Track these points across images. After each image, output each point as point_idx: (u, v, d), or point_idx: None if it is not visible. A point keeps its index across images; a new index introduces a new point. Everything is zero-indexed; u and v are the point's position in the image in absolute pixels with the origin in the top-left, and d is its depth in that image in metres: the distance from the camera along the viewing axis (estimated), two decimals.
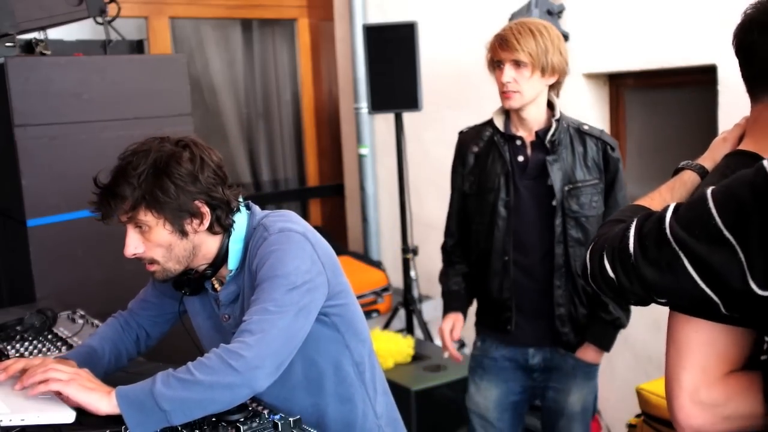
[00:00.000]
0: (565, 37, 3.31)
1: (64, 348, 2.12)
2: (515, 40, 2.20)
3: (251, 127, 5.49)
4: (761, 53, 1.20)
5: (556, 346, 2.41)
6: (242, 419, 1.55)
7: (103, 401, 1.49)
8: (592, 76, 3.56)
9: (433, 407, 3.13)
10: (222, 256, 1.67)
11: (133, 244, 1.63)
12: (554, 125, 2.32)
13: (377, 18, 4.43)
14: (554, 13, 3.32)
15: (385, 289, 4.48)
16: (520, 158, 2.35)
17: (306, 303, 1.57)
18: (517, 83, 2.25)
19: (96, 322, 2.35)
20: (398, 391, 3.13)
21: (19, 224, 3.02)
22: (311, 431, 1.53)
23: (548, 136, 2.31)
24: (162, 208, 1.57)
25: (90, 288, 2.97)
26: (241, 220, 1.69)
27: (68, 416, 1.55)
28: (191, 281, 1.72)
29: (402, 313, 3.99)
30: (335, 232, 5.11)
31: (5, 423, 1.49)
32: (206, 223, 1.62)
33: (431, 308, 4.43)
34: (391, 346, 3.31)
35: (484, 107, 4.05)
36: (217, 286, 1.75)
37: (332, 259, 1.69)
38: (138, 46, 3.59)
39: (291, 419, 1.54)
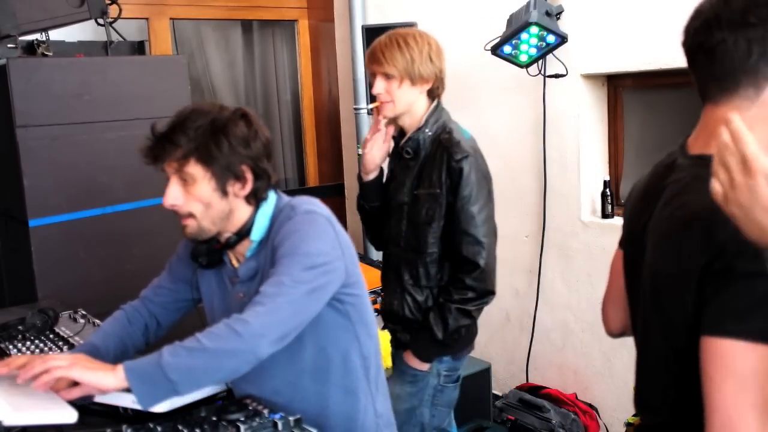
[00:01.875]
0: (564, 38, 3.33)
1: (65, 347, 2.13)
2: (381, 54, 2.27)
3: None
4: (729, 51, 1.14)
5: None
6: (242, 418, 1.56)
7: (108, 377, 1.51)
8: (591, 77, 3.57)
9: None
10: (248, 228, 1.71)
11: (174, 195, 1.64)
12: (411, 133, 2.36)
13: (377, 19, 4.45)
14: (553, 15, 3.33)
15: None
16: (391, 165, 2.49)
17: (321, 284, 1.60)
18: (388, 94, 2.31)
19: (97, 321, 2.36)
20: None
21: (21, 224, 3.04)
22: (311, 430, 1.54)
23: (401, 144, 2.39)
24: (211, 162, 1.61)
25: (91, 288, 2.98)
26: (271, 197, 1.75)
27: (70, 416, 1.56)
28: (211, 251, 1.74)
29: None
30: None
31: (7, 423, 1.50)
32: (247, 189, 1.67)
33: None
34: (377, 338, 3.32)
35: (483, 107, 4.07)
36: (234, 262, 1.77)
37: (351, 250, 1.73)
38: (139, 47, 3.61)
39: (291, 418, 1.55)
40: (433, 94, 2.37)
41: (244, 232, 1.71)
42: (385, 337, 3.40)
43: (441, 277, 2.35)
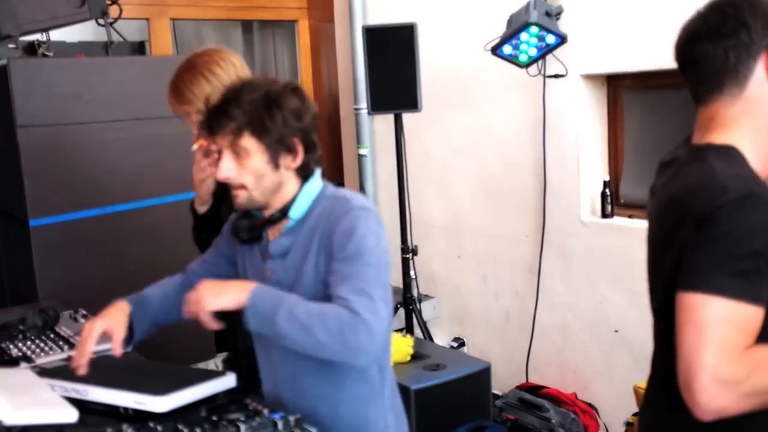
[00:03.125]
0: (564, 38, 3.33)
1: (66, 347, 2.14)
2: (188, 90, 2.07)
3: None
4: (711, 59, 1.38)
5: None
6: (242, 418, 1.56)
7: (240, 296, 1.57)
8: (590, 77, 3.57)
9: (433, 406, 3.14)
10: (291, 205, 1.69)
11: (227, 167, 1.64)
12: None
13: (377, 19, 4.45)
14: (552, 15, 3.33)
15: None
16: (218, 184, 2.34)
17: (388, 281, 1.61)
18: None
19: None
20: (398, 389, 3.15)
21: (22, 224, 3.04)
22: (311, 430, 1.55)
23: None
24: (265, 135, 1.61)
25: (92, 287, 2.99)
26: (317, 179, 1.73)
27: (70, 415, 1.57)
28: (252, 227, 1.74)
29: (401, 312, 4.01)
30: None
31: (8, 422, 1.50)
32: (298, 161, 1.66)
33: (431, 308, 4.45)
34: (391, 346, 3.33)
35: (483, 108, 4.07)
36: (270, 237, 1.76)
37: (390, 256, 1.72)
38: (139, 48, 3.61)
39: (291, 418, 1.55)
40: None
41: (287, 209, 1.70)
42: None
43: None
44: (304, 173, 1.69)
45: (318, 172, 1.74)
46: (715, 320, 1.20)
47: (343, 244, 1.59)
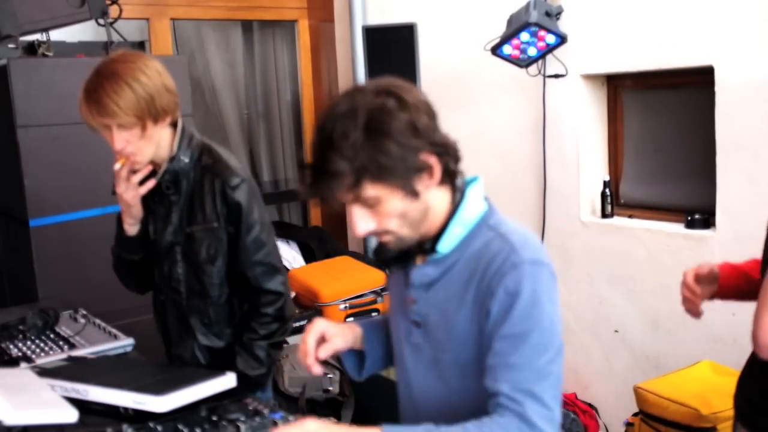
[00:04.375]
0: (564, 38, 3.33)
1: (66, 347, 2.14)
2: (113, 102, 1.86)
3: (252, 127, 5.51)
4: None
5: None
6: (242, 418, 1.57)
7: None
8: (590, 77, 3.57)
9: None
10: (441, 234, 1.41)
11: (363, 222, 1.36)
12: (166, 165, 2.02)
13: (377, 19, 4.45)
14: (552, 15, 3.33)
15: (385, 289, 4.49)
16: (155, 199, 2.10)
17: (558, 359, 1.42)
18: (129, 144, 1.93)
19: (98, 321, 2.37)
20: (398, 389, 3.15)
21: (22, 224, 3.04)
22: None
23: (156, 178, 2.03)
24: (390, 174, 1.30)
25: (92, 287, 2.99)
26: (476, 204, 1.44)
27: (70, 415, 1.57)
28: (401, 256, 1.47)
29: None
30: (335, 232, 5.11)
31: (8, 422, 1.50)
32: (437, 174, 1.35)
33: None
34: None
35: (483, 108, 4.07)
36: (418, 259, 1.48)
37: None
38: (139, 48, 3.61)
39: (291, 418, 1.56)
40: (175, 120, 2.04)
41: (439, 235, 1.42)
42: None
43: (234, 313, 2.11)
44: (449, 179, 1.40)
45: (479, 184, 1.47)
46: None
47: (507, 314, 1.32)
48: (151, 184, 2.02)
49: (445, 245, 1.41)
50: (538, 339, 1.33)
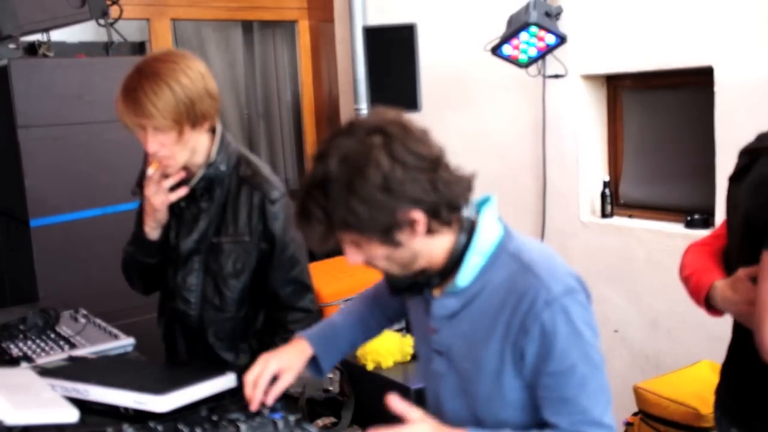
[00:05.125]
0: (563, 38, 3.34)
1: (66, 347, 2.14)
2: (150, 103, 1.77)
3: (252, 127, 5.50)
4: None
5: None
6: (242, 418, 1.57)
7: None
8: (590, 78, 3.58)
9: None
10: (452, 266, 1.37)
11: (352, 256, 1.36)
12: (202, 171, 1.94)
13: (377, 20, 4.45)
14: (552, 15, 3.34)
15: None
16: (182, 204, 2.01)
17: (604, 379, 1.40)
18: (164, 148, 1.84)
19: (98, 321, 2.37)
20: (398, 389, 3.15)
21: (22, 224, 3.04)
22: (311, 430, 1.55)
23: (190, 183, 1.96)
24: (362, 229, 1.28)
25: (92, 287, 2.99)
26: (491, 230, 1.39)
27: (71, 415, 1.57)
28: (413, 286, 1.42)
29: None
30: None
31: (8, 422, 1.50)
32: (420, 229, 1.30)
33: None
34: (391, 345, 3.32)
35: (483, 108, 4.08)
36: (436, 291, 1.44)
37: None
38: (140, 48, 3.62)
39: (291, 418, 1.56)
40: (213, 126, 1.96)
41: (447, 271, 1.37)
42: (384, 337, 3.41)
43: (249, 328, 2.03)
44: (444, 227, 1.33)
45: (491, 206, 1.41)
46: None
47: (548, 353, 1.31)
48: (183, 192, 1.93)
49: (464, 278, 1.37)
50: (584, 369, 1.33)
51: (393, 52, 3.83)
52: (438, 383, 1.48)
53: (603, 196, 3.57)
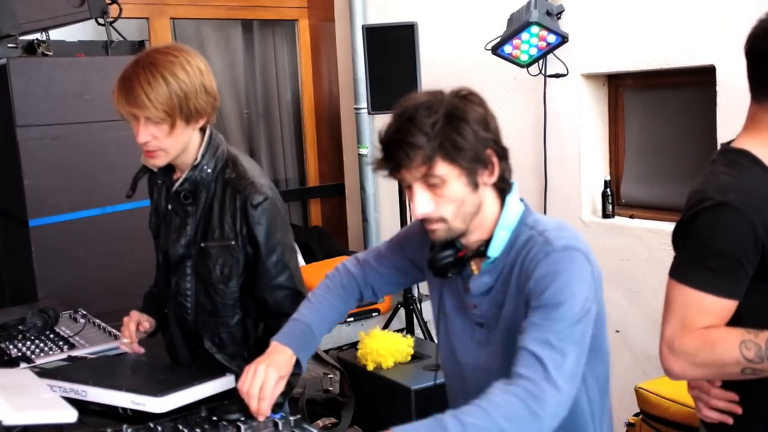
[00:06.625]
0: (565, 37, 3.33)
1: (65, 347, 2.13)
2: (143, 93, 1.78)
3: (252, 127, 5.49)
4: None
5: None
6: (242, 418, 1.56)
7: None
8: (591, 77, 3.57)
9: (433, 406, 3.14)
10: (489, 241, 1.53)
11: (424, 204, 1.46)
12: (186, 172, 1.92)
13: (377, 19, 4.44)
14: (553, 14, 3.33)
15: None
16: (169, 206, 2.00)
17: (585, 334, 1.44)
18: (156, 140, 1.84)
19: (98, 321, 2.36)
20: (398, 390, 3.14)
21: (21, 224, 3.04)
22: (311, 430, 1.54)
23: (175, 187, 1.94)
24: (460, 156, 1.43)
25: (91, 287, 2.99)
26: (515, 206, 1.56)
27: (70, 416, 1.56)
28: (457, 261, 1.56)
29: (402, 312, 4.00)
30: (335, 232, 5.11)
31: (7, 422, 1.50)
32: (496, 173, 1.49)
33: (431, 308, 4.44)
34: (391, 346, 3.32)
35: None
36: (474, 268, 1.59)
37: (601, 281, 1.55)
38: (139, 47, 3.61)
39: (292, 418, 1.55)
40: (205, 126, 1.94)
41: (486, 245, 1.54)
42: (384, 337, 3.40)
43: (248, 335, 2.01)
44: (501, 187, 1.53)
45: (515, 190, 1.56)
46: (677, 303, 1.47)
47: (540, 292, 1.43)
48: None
49: (494, 249, 1.53)
50: (567, 311, 1.41)
51: (393, 52, 3.82)
52: (479, 353, 1.61)
53: (604, 195, 3.56)
